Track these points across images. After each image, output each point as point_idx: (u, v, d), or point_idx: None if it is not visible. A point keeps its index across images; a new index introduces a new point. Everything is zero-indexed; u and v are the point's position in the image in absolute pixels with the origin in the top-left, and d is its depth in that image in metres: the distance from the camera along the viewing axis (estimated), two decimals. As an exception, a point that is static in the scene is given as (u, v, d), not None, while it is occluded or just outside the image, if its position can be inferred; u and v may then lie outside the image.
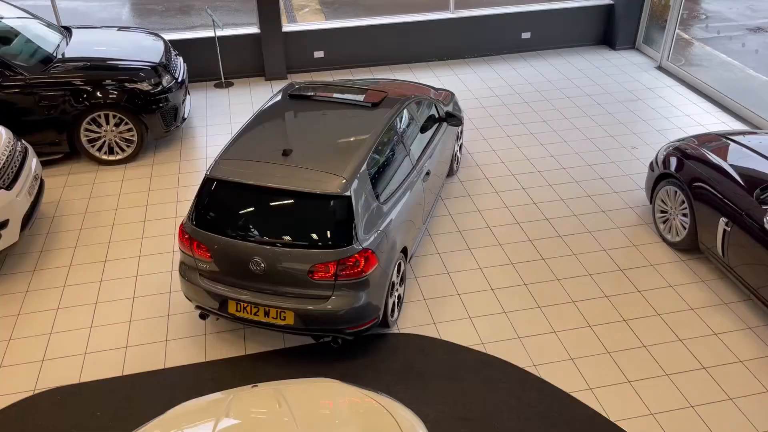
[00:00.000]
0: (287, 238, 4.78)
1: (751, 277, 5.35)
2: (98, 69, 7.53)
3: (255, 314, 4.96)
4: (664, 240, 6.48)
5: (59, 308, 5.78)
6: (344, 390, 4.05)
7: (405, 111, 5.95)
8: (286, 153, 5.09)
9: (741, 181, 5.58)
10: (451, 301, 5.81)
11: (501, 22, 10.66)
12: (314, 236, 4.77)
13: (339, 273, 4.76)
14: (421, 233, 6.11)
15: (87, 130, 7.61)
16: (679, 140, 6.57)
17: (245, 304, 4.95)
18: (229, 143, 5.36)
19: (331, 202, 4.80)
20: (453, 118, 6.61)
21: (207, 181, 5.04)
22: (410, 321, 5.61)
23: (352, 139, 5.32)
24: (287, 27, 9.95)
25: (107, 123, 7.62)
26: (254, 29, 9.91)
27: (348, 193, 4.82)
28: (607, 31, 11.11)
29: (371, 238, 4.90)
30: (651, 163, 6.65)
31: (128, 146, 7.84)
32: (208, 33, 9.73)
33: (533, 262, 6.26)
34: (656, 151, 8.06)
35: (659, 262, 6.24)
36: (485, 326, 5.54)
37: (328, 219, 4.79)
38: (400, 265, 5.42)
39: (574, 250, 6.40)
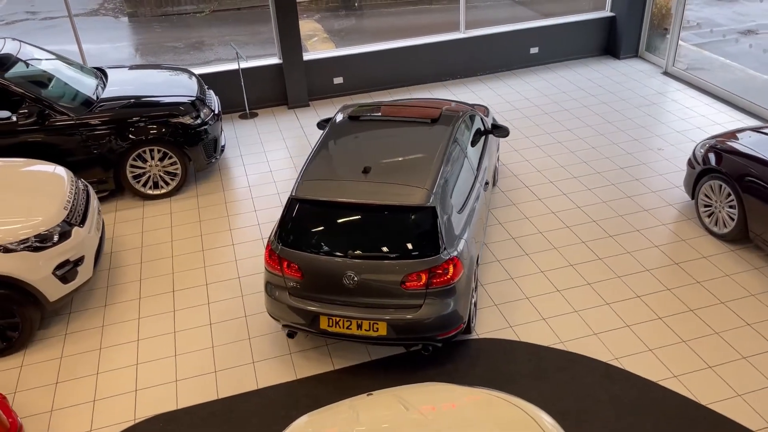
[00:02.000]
0: (378, 250, 4.94)
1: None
2: (141, 106, 7.67)
3: (347, 328, 5.09)
4: (711, 233, 6.75)
5: (139, 339, 5.85)
6: (460, 390, 4.19)
7: (462, 125, 6.18)
8: (366, 170, 5.27)
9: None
10: (522, 305, 5.99)
11: (510, 39, 11.03)
12: (404, 247, 4.94)
13: (430, 282, 4.92)
14: (482, 242, 6.30)
15: (132, 166, 7.72)
16: (712, 137, 6.88)
17: (337, 319, 5.08)
18: (306, 165, 5.53)
19: (418, 214, 4.99)
20: (499, 130, 6.86)
21: (293, 202, 5.19)
22: (487, 326, 5.77)
23: (421, 153, 5.52)
24: (308, 56, 10.18)
25: (152, 158, 7.74)
26: (275, 59, 10.13)
27: (432, 204, 5.01)
28: (611, 42, 11.54)
29: (456, 247, 5.08)
30: (689, 161, 6.95)
31: (172, 180, 7.95)
32: (231, 66, 9.92)
33: (591, 262, 6.49)
34: (686, 150, 8.39)
35: (710, 253, 6.50)
36: (560, 326, 5.73)
37: (416, 230, 4.97)
38: (474, 272, 5.60)
39: (627, 248, 6.64)
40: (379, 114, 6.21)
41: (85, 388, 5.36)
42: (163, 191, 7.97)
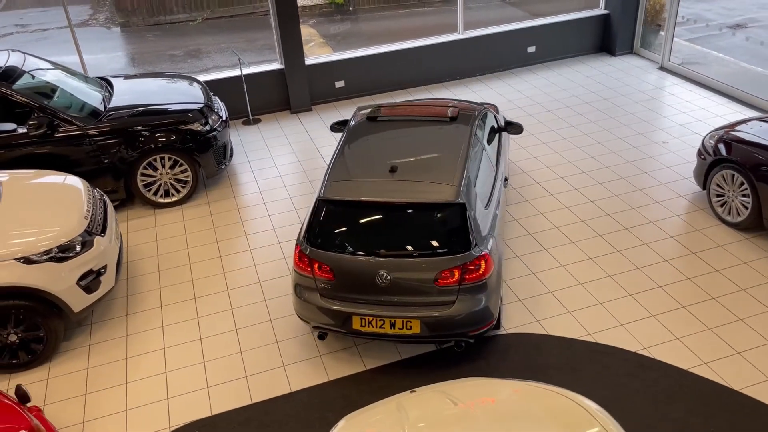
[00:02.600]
0: (410, 248, 4.96)
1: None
2: (150, 114, 7.62)
3: (380, 327, 5.09)
4: (724, 222, 6.85)
5: (165, 348, 5.80)
6: (502, 383, 4.21)
7: (480, 122, 6.22)
8: (393, 170, 5.29)
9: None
10: (546, 299, 6.04)
11: (507, 39, 11.12)
12: (436, 244, 4.96)
13: (463, 278, 4.95)
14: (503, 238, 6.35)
15: (143, 174, 7.67)
16: (720, 128, 6.99)
17: (370, 318, 5.09)
18: (331, 167, 5.53)
19: (447, 210, 5.01)
20: (513, 126, 6.92)
21: (321, 203, 5.19)
22: (514, 321, 5.81)
23: (445, 151, 5.56)
24: (309, 60, 10.19)
25: (163, 166, 7.69)
26: (276, 65, 10.12)
27: (462, 200, 5.04)
28: (606, 39, 11.68)
29: (486, 242, 5.11)
30: (699, 152, 7.05)
31: (183, 187, 7.91)
32: (233, 72, 9.90)
33: (610, 254, 6.55)
34: (690, 142, 8.50)
35: (725, 242, 6.59)
36: (586, 318, 5.78)
37: (447, 227, 4.99)
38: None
39: (644, 240, 6.72)
40: (397, 114, 6.23)
41: (116, 398, 5.31)
42: (174, 199, 7.92)
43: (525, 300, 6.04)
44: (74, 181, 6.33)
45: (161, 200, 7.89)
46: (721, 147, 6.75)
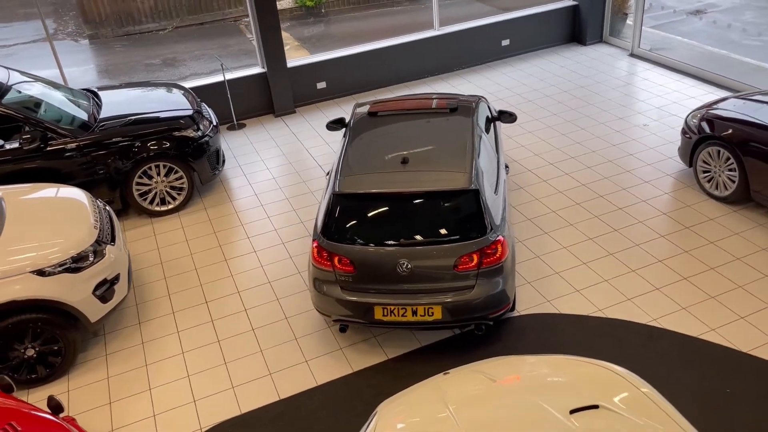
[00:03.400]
0: (429, 236, 5.08)
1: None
2: (142, 123, 7.59)
3: (403, 315, 5.20)
4: (712, 196, 7.15)
5: (184, 352, 5.81)
6: (533, 358, 4.36)
7: (479, 112, 6.39)
8: (405, 161, 5.41)
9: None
10: (553, 280, 6.23)
11: (482, 33, 11.34)
12: (454, 231, 5.09)
13: (481, 262, 5.09)
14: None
15: (138, 183, 7.63)
16: (702, 107, 7.29)
17: (392, 307, 5.19)
18: (341, 162, 5.62)
19: (462, 197, 5.16)
20: (507, 115, 7.10)
21: (337, 198, 5.28)
22: (525, 303, 5.98)
23: (451, 141, 5.70)
24: (291, 62, 10.24)
25: (158, 174, 7.67)
26: (258, 69, 10.15)
27: (475, 186, 5.19)
28: (576, 29, 12.00)
29: (500, 227, 5.27)
30: (683, 131, 7.34)
31: (179, 194, 7.89)
32: (216, 78, 9.89)
33: (608, 234, 6.78)
34: (669, 123, 8.82)
35: (716, 215, 6.89)
36: (594, 295, 5.99)
37: (462, 213, 5.13)
38: (510, 251, 5.79)
39: (639, 218, 6.97)
40: (397, 108, 6.35)
41: (142, 404, 5.31)
42: (170, 207, 7.90)
43: (533, 282, 6.21)
44: (76, 192, 6.29)
45: (157, 208, 7.86)
46: (706, 125, 7.04)
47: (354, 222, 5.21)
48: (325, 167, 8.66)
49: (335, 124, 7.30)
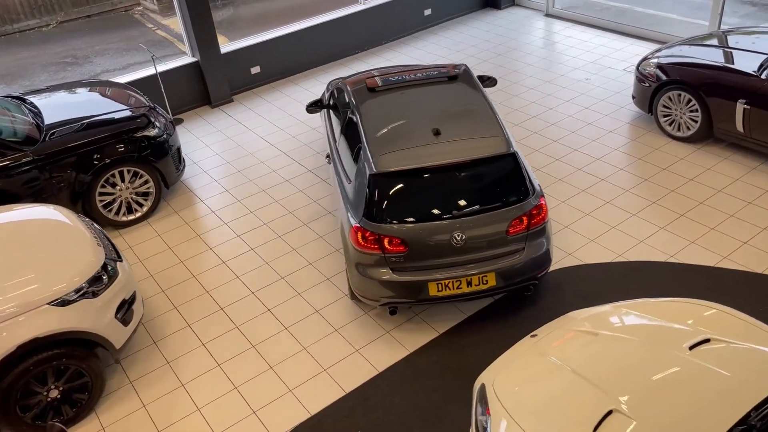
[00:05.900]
0: (478, 204, 5.05)
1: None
2: (97, 126, 6.87)
3: (458, 288, 5.15)
4: (674, 138, 7.67)
5: (220, 364, 5.40)
6: (611, 306, 4.48)
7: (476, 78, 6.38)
8: (437, 132, 5.30)
9: (738, 68, 6.88)
10: (566, 234, 6.42)
11: (405, 4, 11.30)
12: (499, 196, 5.09)
13: (530, 223, 5.14)
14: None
15: (101, 193, 6.92)
16: (649, 56, 7.75)
17: (446, 281, 5.12)
18: (366, 143, 5.38)
19: (503, 161, 5.16)
20: (488, 80, 7.15)
21: (377, 177, 5.08)
22: (548, 259, 6.12)
23: (469, 108, 5.66)
24: (225, 48, 9.67)
25: (122, 180, 6.99)
26: (189, 58, 9.49)
27: (513, 150, 5.21)
28: (490, -6, 12.30)
29: (538, 187, 5.34)
30: (638, 79, 7.78)
31: (145, 200, 7.25)
32: (147, 72, 9.13)
33: (597, 184, 7.08)
34: (608, 75, 9.29)
35: (684, 155, 7.40)
36: (609, 242, 6.25)
37: (506, 177, 5.14)
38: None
39: (618, 166, 7.34)
40: (398, 79, 6.18)
41: (196, 426, 4.88)
42: (138, 215, 7.24)
43: (548, 238, 6.37)
44: (58, 209, 5.59)
45: (124, 218, 7.18)
46: (665, 71, 7.48)
47: (399, 201, 5.06)
48: (291, 153, 8.31)
49: (314, 107, 7.02)
